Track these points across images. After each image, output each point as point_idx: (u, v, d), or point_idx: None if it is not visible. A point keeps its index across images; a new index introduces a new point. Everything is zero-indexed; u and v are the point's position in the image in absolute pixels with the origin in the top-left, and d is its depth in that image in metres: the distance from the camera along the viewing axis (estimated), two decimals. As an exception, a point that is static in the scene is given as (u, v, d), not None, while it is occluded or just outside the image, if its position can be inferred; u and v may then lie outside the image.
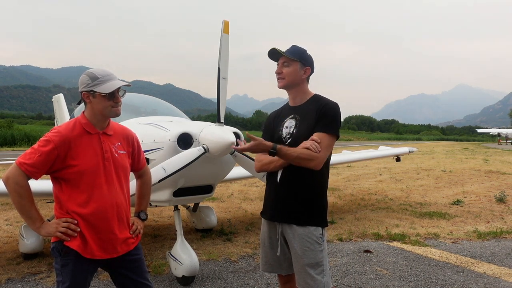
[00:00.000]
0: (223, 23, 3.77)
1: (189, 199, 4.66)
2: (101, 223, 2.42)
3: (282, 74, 2.82)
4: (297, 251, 2.71)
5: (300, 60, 2.79)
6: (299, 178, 2.73)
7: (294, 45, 2.87)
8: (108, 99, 2.43)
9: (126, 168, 2.62)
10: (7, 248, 5.73)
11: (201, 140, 3.88)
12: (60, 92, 11.07)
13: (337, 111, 2.75)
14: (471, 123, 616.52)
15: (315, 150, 2.60)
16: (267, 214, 2.90)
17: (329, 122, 2.69)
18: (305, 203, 2.73)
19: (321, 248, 2.71)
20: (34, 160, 2.30)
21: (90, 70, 2.48)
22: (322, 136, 2.66)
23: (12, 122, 43.13)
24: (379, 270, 4.91)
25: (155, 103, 6.24)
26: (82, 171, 2.38)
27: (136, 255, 2.61)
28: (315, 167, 2.64)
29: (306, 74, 2.83)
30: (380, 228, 6.84)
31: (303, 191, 2.73)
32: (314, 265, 2.68)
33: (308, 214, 2.72)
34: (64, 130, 2.41)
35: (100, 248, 2.43)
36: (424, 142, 66.45)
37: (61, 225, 2.37)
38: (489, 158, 24.15)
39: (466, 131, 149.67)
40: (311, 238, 2.69)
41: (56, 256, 2.43)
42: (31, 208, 2.34)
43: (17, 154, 21.29)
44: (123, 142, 2.61)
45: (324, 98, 2.84)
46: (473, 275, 4.76)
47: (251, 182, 11.82)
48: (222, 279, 4.61)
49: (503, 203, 9.31)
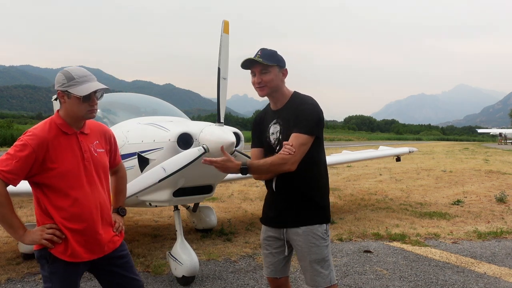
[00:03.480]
0: (223, 23, 3.77)
1: (189, 199, 4.66)
2: (86, 224, 2.36)
3: (262, 82, 2.72)
4: (303, 248, 2.72)
5: (277, 64, 2.71)
6: (294, 183, 2.71)
7: (263, 48, 2.75)
8: (83, 101, 2.33)
9: (106, 167, 2.57)
10: (7, 248, 5.72)
11: (201, 140, 3.87)
12: (61, 92, 11.04)
13: (312, 109, 2.68)
14: (471, 123, 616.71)
15: (289, 152, 2.58)
16: (268, 221, 2.89)
17: (302, 121, 2.65)
18: (304, 205, 2.72)
19: (326, 244, 2.73)
20: (12, 166, 2.21)
21: (67, 69, 2.39)
22: (294, 136, 2.63)
23: (12, 122, 43.13)
24: (379, 270, 4.91)
25: (155, 103, 6.24)
26: (62, 174, 2.31)
27: (122, 251, 2.59)
28: (290, 169, 2.61)
29: (285, 76, 2.78)
30: (380, 228, 6.83)
31: (300, 195, 2.72)
32: (321, 261, 2.70)
33: (310, 214, 2.72)
34: (40, 132, 2.31)
35: (86, 250, 2.39)
36: (424, 142, 66.42)
37: (46, 231, 2.29)
38: (489, 158, 24.13)
39: (466, 131, 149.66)
40: (316, 234, 2.70)
41: (43, 264, 2.37)
42: (12, 217, 2.26)
43: (17, 154, 21.49)
44: (100, 140, 2.55)
45: (300, 96, 2.79)
46: (473, 275, 4.76)
47: (251, 182, 11.82)
48: (222, 279, 4.60)
49: (503, 203, 9.30)
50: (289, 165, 2.60)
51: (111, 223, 2.56)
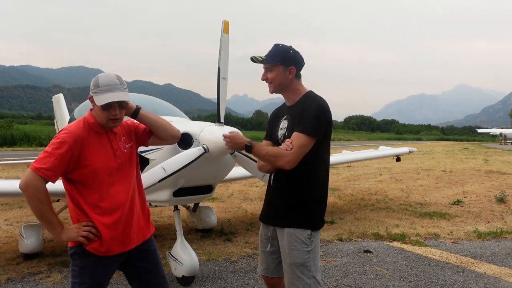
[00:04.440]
0: (223, 23, 3.77)
1: (189, 199, 4.66)
2: (119, 220, 2.44)
3: (268, 80, 2.77)
4: (285, 250, 2.72)
5: (281, 62, 2.71)
6: (289, 181, 2.71)
7: (276, 44, 2.77)
8: (103, 109, 2.39)
9: (136, 161, 2.65)
10: (7, 248, 5.73)
11: (201, 140, 3.87)
12: (60, 92, 11.05)
13: (318, 112, 2.65)
14: (471, 123, 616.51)
15: (287, 148, 2.59)
16: (263, 216, 2.94)
17: (306, 122, 2.63)
18: (293, 206, 2.71)
19: (308, 249, 2.68)
20: (51, 163, 2.28)
21: (100, 75, 2.45)
22: (295, 136, 2.63)
23: (12, 122, 43.10)
24: (379, 270, 4.91)
25: (155, 103, 6.23)
26: (96, 171, 2.39)
27: (150, 246, 2.66)
28: (283, 166, 2.62)
29: (292, 74, 2.74)
30: (380, 228, 6.83)
31: (293, 194, 2.72)
32: (300, 265, 2.67)
33: (296, 217, 2.70)
34: (76, 130, 2.40)
35: (119, 243, 2.45)
36: (424, 142, 66.43)
37: (82, 229, 2.37)
38: (489, 158, 24.13)
39: (466, 131, 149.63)
40: (298, 238, 2.68)
41: (76, 259, 2.44)
42: (51, 214, 2.34)
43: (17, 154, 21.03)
44: (126, 135, 2.62)
45: (311, 97, 2.77)
46: (473, 275, 4.76)
47: (251, 182, 11.81)
48: (222, 279, 4.60)
49: (503, 203, 9.30)
50: (283, 162, 2.61)
51: (141, 216, 2.62)
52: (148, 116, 2.64)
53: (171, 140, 2.82)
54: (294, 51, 2.76)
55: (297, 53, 2.77)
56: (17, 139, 31.94)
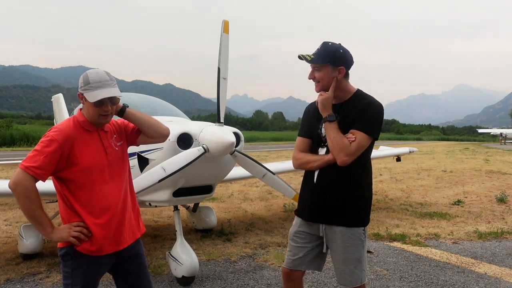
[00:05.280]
0: (223, 23, 3.76)
1: (189, 199, 4.65)
2: (111, 218, 2.42)
3: (316, 79, 2.71)
4: (339, 248, 2.71)
5: (330, 62, 2.64)
6: (337, 179, 2.67)
7: (325, 42, 2.70)
8: (95, 106, 2.37)
9: (127, 159, 2.64)
10: (6, 248, 5.71)
11: (201, 140, 3.87)
12: (60, 92, 11.03)
13: (378, 111, 2.65)
14: (472, 123, 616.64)
15: (350, 140, 2.57)
16: (305, 214, 2.84)
17: (366, 121, 2.60)
18: (344, 205, 2.68)
19: (362, 245, 2.73)
20: (41, 162, 2.26)
21: (88, 72, 2.43)
22: (355, 133, 2.59)
23: (11, 122, 43.08)
24: (379, 271, 4.90)
25: (155, 103, 6.22)
26: (86, 169, 2.37)
27: (139, 250, 2.66)
28: (343, 161, 2.57)
29: (341, 74, 2.67)
30: (380, 228, 6.82)
31: (341, 192, 2.68)
32: (355, 261, 2.70)
33: (351, 215, 2.69)
34: (66, 128, 2.38)
35: (110, 242, 2.44)
36: (424, 142, 66.46)
37: (73, 229, 2.35)
38: (489, 158, 24.14)
39: (466, 131, 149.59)
40: (354, 235, 2.69)
41: (67, 260, 2.41)
42: (41, 213, 2.31)
43: (16, 154, 20.97)
44: (117, 134, 2.61)
45: (366, 96, 2.72)
46: (474, 276, 4.75)
47: (251, 182, 11.80)
48: (222, 279, 4.59)
49: (503, 203, 9.30)
50: (345, 153, 2.55)
51: (132, 214, 2.61)
52: (134, 114, 2.58)
53: (159, 138, 2.73)
54: (344, 50, 2.68)
55: (347, 52, 2.70)
56: (16, 139, 31.95)
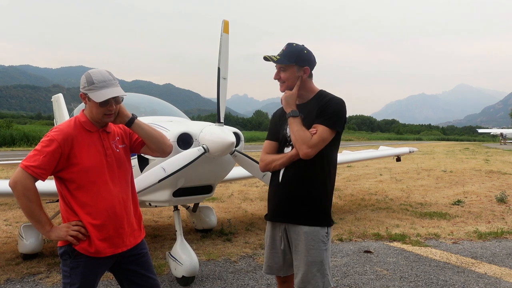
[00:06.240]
0: (223, 22, 3.76)
1: (189, 199, 4.65)
2: (110, 219, 2.42)
3: (281, 79, 2.75)
4: (301, 249, 2.67)
5: (295, 62, 2.69)
6: (301, 177, 2.68)
7: (289, 43, 2.75)
8: (100, 106, 2.39)
9: (128, 162, 2.63)
10: (6, 248, 5.72)
11: (201, 140, 3.87)
12: (60, 92, 11.04)
13: (339, 106, 2.67)
14: (472, 123, 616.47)
15: (311, 132, 2.59)
16: (269, 215, 2.86)
17: (327, 115, 2.63)
18: (308, 202, 2.68)
19: (325, 247, 2.68)
20: (40, 161, 2.27)
21: (90, 72, 2.44)
22: (317, 127, 2.62)
23: (11, 122, 43.12)
24: (379, 271, 4.90)
25: (155, 103, 6.23)
26: (86, 169, 2.37)
27: (142, 249, 2.64)
28: (306, 153, 2.58)
29: (306, 74, 2.74)
30: (380, 229, 6.82)
31: (306, 190, 2.68)
32: (317, 264, 2.65)
33: (312, 214, 2.68)
34: (66, 128, 2.40)
35: (110, 245, 2.43)
36: (424, 142, 66.43)
37: (72, 228, 2.36)
38: (489, 158, 24.12)
39: (466, 131, 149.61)
40: (316, 237, 2.65)
41: (66, 259, 2.42)
42: (40, 212, 2.32)
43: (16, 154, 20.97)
44: (120, 136, 2.61)
45: (328, 94, 2.77)
46: (474, 276, 4.74)
47: (251, 182, 11.81)
48: (222, 279, 4.59)
49: (503, 203, 9.29)
50: (307, 145, 2.56)
51: (134, 218, 2.60)
52: (142, 126, 2.57)
53: (161, 154, 2.73)
54: (308, 51, 2.74)
55: (310, 52, 2.76)
56: (16, 139, 31.96)
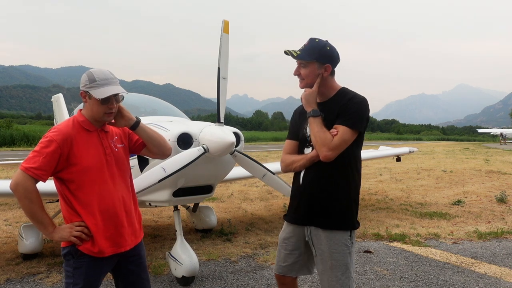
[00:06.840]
0: (223, 22, 3.76)
1: (189, 199, 4.65)
2: (111, 218, 2.43)
3: (301, 76, 2.64)
4: (324, 252, 2.60)
5: (316, 59, 2.57)
6: (322, 178, 2.59)
7: (312, 38, 2.63)
8: (101, 103, 2.39)
9: (127, 161, 2.64)
10: (6, 248, 5.72)
11: (201, 140, 3.87)
12: (60, 92, 11.05)
13: (361, 105, 2.56)
14: (472, 123, 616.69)
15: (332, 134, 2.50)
16: (291, 217, 2.76)
17: (349, 115, 2.53)
18: (329, 205, 2.59)
19: (349, 251, 2.61)
20: (40, 162, 2.27)
21: (92, 70, 2.45)
22: (338, 128, 2.53)
23: (11, 122, 43.12)
24: (379, 271, 4.90)
25: (155, 103, 6.23)
26: (86, 169, 2.38)
27: (141, 250, 2.66)
28: (326, 156, 2.48)
29: (327, 72, 2.61)
30: (380, 228, 6.82)
31: (326, 192, 2.59)
32: (341, 267, 2.58)
33: (333, 218, 2.59)
34: (65, 128, 2.40)
35: (112, 244, 2.44)
36: (424, 142, 66.43)
37: (75, 229, 2.36)
38: (489, 158, 24.12)
39: (466, 131, 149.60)
40: (339, 241, 2.58)
41: (69, 259, 2.43)
42: (43, 214, 2.33)
43: (16, 154, 20.95)
44: (119, 136, 2.62)
45: (350, 92, 2.65)
46: (474, 276, 4.74)
47: (251, 182, 11.81)
48: (222, 279, 4.59)
49: (503, 203, 9.29)
50: (326, 150, 2.47)
51: (134, 217, 2.61)
52: (145, 130, 2.59)
53: (161, 156, 2.79)
54: (331, 47, 2.62)
55: (334, 49, 2.63)
56: (16, 139, 31.98)
